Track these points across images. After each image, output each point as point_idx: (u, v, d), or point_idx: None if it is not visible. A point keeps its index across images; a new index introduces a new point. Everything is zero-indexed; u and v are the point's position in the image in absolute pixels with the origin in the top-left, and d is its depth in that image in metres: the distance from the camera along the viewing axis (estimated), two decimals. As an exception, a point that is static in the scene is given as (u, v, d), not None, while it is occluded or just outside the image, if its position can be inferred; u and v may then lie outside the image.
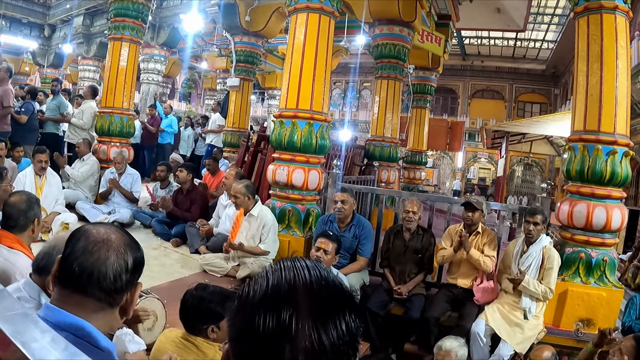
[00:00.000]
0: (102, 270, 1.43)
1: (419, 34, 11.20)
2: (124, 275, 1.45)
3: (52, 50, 20.13)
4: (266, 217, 6.37)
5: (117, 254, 1.46)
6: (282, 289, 0.95)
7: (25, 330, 1.05)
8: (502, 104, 36.52)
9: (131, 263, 1.47)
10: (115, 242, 1.48)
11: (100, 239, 1.47)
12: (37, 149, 7.54)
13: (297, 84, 6.90)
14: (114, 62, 9.69)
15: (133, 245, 1.53)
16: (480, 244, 5.74)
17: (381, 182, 10.63)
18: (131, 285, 1.50)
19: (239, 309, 0.98)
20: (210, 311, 3.05)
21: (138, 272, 1.52)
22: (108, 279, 1.42)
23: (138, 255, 1.52)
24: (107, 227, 1.55)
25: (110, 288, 1.43)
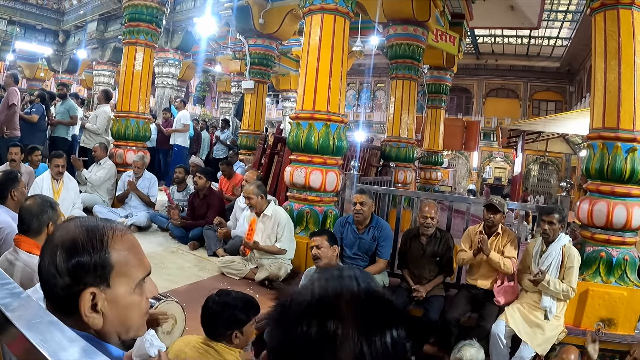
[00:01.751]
0: (41, 275, 1.37)
1: (433, 33, 11.17)
2: (59, 279, 1.31)
3: (66, 55, 20.25)
4: (280, 216, 6.36)
5: (51, 254, 1.35)
6: (328, 300, 0.93)
7: (53, 339, 1.03)
8: (517, 103, 36.28)
9: (64, 266, 1.32)
10: (54, 242, 1.38)
11: (47, 239, 1.42)
12: (54, 153, 7.58)
13: (314, 85, 6.88)
14: (129, 66, 9.72)
15: (74, 245, 1.35)
16: (501, 245, 5.68)
17: (398, 183, 10.59)
18: (78, 291, 1.31)
19: (281, 319, 0.97)
20: (235, 317, 3.05)
21: (80, 277, 1.32)
22: (45, 285, 1.35)
23: (75, 258, 1.32)
24: (66, 223, 1.48)
25: (52, 296, 1.34)
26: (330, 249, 4.95)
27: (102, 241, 1.37)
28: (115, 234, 1.41)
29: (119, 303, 1.38)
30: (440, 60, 13.32)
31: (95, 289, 1.33)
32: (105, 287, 1.35)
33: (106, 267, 1.35)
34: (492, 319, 5.30)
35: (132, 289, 1.41)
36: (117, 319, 1.38)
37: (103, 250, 1.36)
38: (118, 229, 1.45)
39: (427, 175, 13.89)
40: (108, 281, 1.35)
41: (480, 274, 5.83)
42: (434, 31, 11.16)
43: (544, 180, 33.98)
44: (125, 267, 1.40)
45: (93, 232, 1.38)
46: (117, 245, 1.40)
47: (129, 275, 1.41)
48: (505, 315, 5.20)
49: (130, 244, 1.45)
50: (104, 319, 1.35)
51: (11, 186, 4.52)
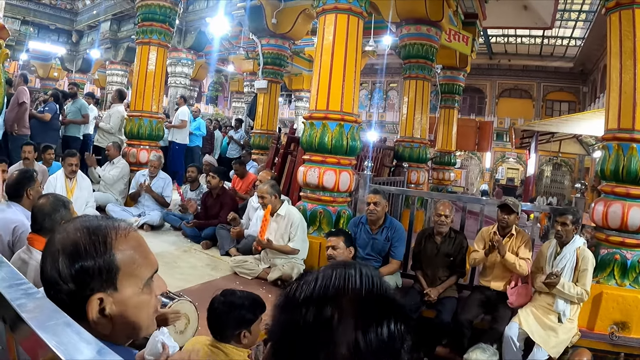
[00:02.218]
0: (44, 280, 1.33)
1: (446, 33, 11.13)
2: (62, 286, 1.27)
3: (80, 55, 20.39)
4: (294, 215, 6.35)
5: (52, 260, 1.31)
6: (329, 290, 0.95)
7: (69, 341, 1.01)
8: (530, 103, 36.08)
9: (67, 272, 1.27)
10: (54, 247, 1.33)
11: (48, 242, 1.37)
12: (68, 152, 7.63)
13: (327, 85, 6.87)
14: (142, 66, 9.74)
15: (76, 249, 1.30)
16: (515, 247, 5.61)
17: (411, 183, 10.55)
18: (85, 297, 1.28)
19: (283, 306, 0.99)
20: (242, 317, 3.03)
21: (86, 283, 1.28)
22: (49, 291, 1.31)
23: (78, 264, 1.28)
24: (67, 224, 1.40)
25: (58, 302, 1.24)
26: (346, 250, 4.93)
27: (106, 243, 1.33)
28: (118, 234, 1.37)
29: (128, 305, 1.34)
30: (454, 60, 13.26)
31: (102, 294, 1.29)
32: (112, 291, 1.31)
33: (112, 270, 1.31)
34: (505, 322, 5.25)
35: (140, 289, 1.37)
36: (126, 322, 1.35)
37: (107, 253, 1.32)
38: (121, 227, 1.40)
39: (439, 176, 13.83)
40: (115, 284, 1.31)
41: (494, 276, 5.78)
42: (447, 31, 11.12)
43: (557, 181, 33.80)
44: (132, 267, 1.36)
45: (95, 234, 1.33)
46: (121, 245, 1.35)
47: (136, 275, 1.37)
48: (519, 317, 5.15)
49: (135, 242, 1.41)
50: (113, 323, 1.31)
51: (27, 185, 4.53)
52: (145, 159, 9.34)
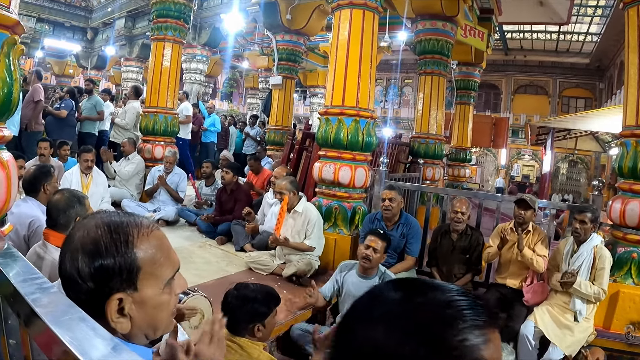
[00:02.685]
0: (63, 278, 1.30)
1: (461, 28, 11.04)
2: (82, 285, 1.24)
3: (95, 52, 20.48)
4: (311, 213, 6.32)
5: (71, 257, 1.27)
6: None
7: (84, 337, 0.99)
8: (545, 99, 35.91)
9: (86, 271, 1.24)
10: (74, 244, 1.29)
11: (68, 237, 1.34)
12: (83, 148, 7.67)
13: (343, 81, 6.84)
14: (157, 62, 9.78)
15: (96, 247, 1.27)
16: (532, 243, 5.56)
17: (426, 180, 10.51)
18: (104, 296, 1.25)
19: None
20: (255, 310, 3.03)
21: (105, 282, 1.25)
22: (68, 289, 1.28)
23: (98, 262, 1.25)
24: (86, 220, 1.36)
25: (76, 300, 1.25)
26: (382, 256, 4.90)
27: (127, 241, 1.30)
28: (141, 232, 1.34)
29: (148, 305, 1.31)
30: (469, 56, 13.19)
31: (122, 294, 1.26)
32: (132, 291, 1.28)
33: (133, 270, 1.28)
34: (520, 320, 5.22)
35: (161, 289, 1.35)
36: (145, 321, 1.32)
37: (128, 252, 1.29)
38: (144, 225, 1.37)
39: (455, 173, 13.78)
40: (135, 284, 1.28)
41: (510, 273, 5.74)
42: (462, 26, 11.04)
43: (572, 179, 33.63)
44: (153, 267, 1.33)
45: (117, 232, 1.30)
46: (143, 244, 1.32)
47: (158, 275, 1.34)
48: (534, 316, 5.11)
49: (157, 241, 1.37)
50: (132, 323, 1.28)
51: (44, 180, 4.56)
52: (161, 154, 9.38)
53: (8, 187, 3.18)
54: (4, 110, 3.14)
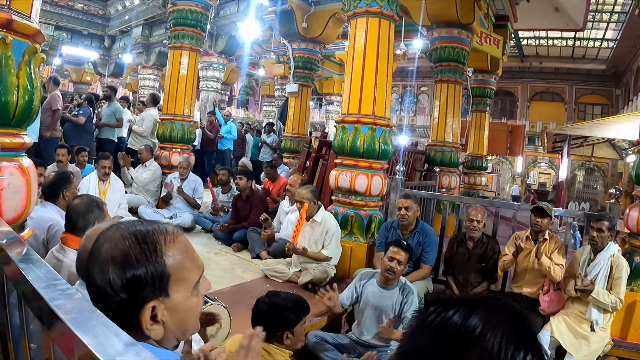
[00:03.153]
0: (93, 292, 1.32)
1: (477, 35, 11.02)
2: (114, 297, 1.26)
3: (112, 60, 20.65)
4: (330, 223, 6.32)
5: (101, 270, 1.29)
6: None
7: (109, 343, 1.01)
8: (562, 106, 35.70)
9: (118, 283, 1.26)
10: (102, 257, 1.30)
11: (94, 250, 1.35)
12: (101, 154, 7.73)
13: (359, 89, 6.85)
14: (174, 70, 9.84)
15: (126, 259, 1.28)
16: (548, 252, 5.50)
17: (442, 188, 10.49)
18: (137, 306, 1.28)
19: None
20: (285, 318, 3.06)
21: (138, 292, 1.27)
22: (98, 302, 1.28)
23: (130, 273, 1.27)
24: (110, 232, 1.37)
25: (108, 311, 1.23)
26: (405, 267, 4.90)
27: (156, 250, 1.32)
28: (167, 239, 1.36)
29: (179, 309, 1.34)
30: (485, 63, 13.16)
31: (155, 302, 1.28)
32: (164, 297, 1.30)
33: (164, 278, 1.31)
34: (536, 329, 5.16)
35: (189, 293, 1.37)
36: (176, 325, 1.35)
37: (158, 260, 1.31)
38: (169, 232, 1.39)
39: (471, 180, 13.74)
40: (167, 291, 1.31)
41: (526, 281, 5.69)
42: (478, 34, 11.03)
43: (589, 186, 33.38)
44: (182, 272, 1.35)
45: (145, 242, 1.32)
46: (171, 251, 1.34)
47: (186, 279, 1.36)
48: (551, 325, 5.07)
49: (183, 246, 1.40)
50: (165, 328, 1.31)
51: (63, 186, 4.61)
52: (177, 161, 9.41)
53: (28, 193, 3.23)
54: (25, 118, 3.18)
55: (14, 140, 3.14)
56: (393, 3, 6.96)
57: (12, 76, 3.01)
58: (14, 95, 3.01)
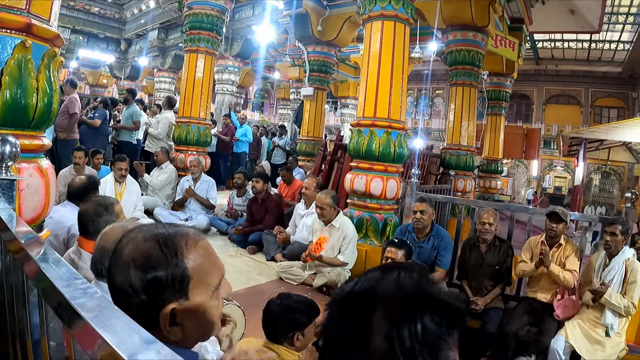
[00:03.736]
0: (113, 292, 1.34)
1: (492, 38, 11.01)
2: (134, 298, 1.28)
3: (128, 63, 20.77)
4: (348, 228, 6.35)
5: (122, 271, 1.31)
6: (369, 287, 1.02)
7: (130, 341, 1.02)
8: (577, 109, 35.41)
9: (139, 284, 1.28)
10: (124, 258, 1.33)
11: (116, 251, 1.38)
12: (118, 157, 7.79)
13: (375, 93, 6.87)
14: (190, 73, 9.89)
15: (148, 261, 1.31)
16: (563, 257, 5.46)
17: (457, 192, 10.48)
18: (157, 307, 1.29)
19: (332, 301, 1.07)
20: (296, 319, 3.08)
21: (158, 294, 1.29)
22: (119, 302, 1.30)
23: (151, 275, 1.29)
24: (133, 234, 1.39)
25: (128, 312, 1.21)
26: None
27: (177, 253, 1.33)
28: (189, 243, 1.37)
29: (198, 312, 1.35)
30: (500, 66, 13.14)
31: (174, 304, 1.30)
32: (184, 300, 1.31)
33: (184, 280, 1.32)
34: (551, 334, 5.12)
35: (210, 296, 1.39)
36: (196, 327, 1.36)
37: (179, 263, 1.32)
38: (191, 236, 1.40)
39: (486, 184, 13.71)
40: (187, 294, 1.32)
41: (541, 287, 5.64)
42: (493, 36, 11.00)
43: (605, 190, 33.07)
44: (202, 276, 1.36)
45: (166, 245, 1.34)
46: (192, 254, 1.36)
47: (207, 282, 1.38)
48: (565, 330, 5.03)
49: (204, 250, 1.41)
50: (183, 330, 1.32)
51: (92, 192, 4.68)
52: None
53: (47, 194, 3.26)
54: (44, 120, 3.22)
55: (33, 142, 3.18)
56: (408, 6, 6.97)
57: (31, 79, 3.05)
58: (33, 98, 3.05)
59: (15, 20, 2.96)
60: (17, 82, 2.97)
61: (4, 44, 2.95)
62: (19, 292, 2.16)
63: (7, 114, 2.96)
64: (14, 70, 2.96)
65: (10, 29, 2.96)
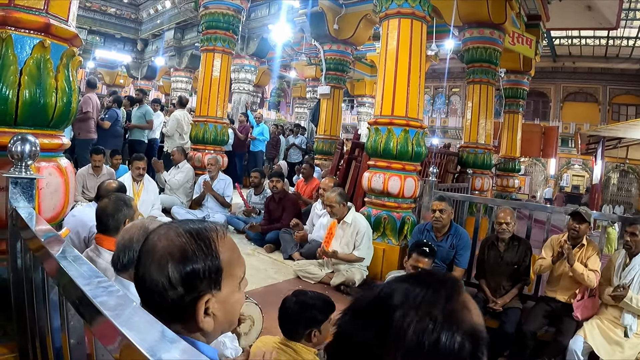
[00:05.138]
0: (144, 289, 1.37)
1: (509, 36, 10.94)
2: (170, 292, 1.31)
3: (145, 63, 20.90)
4: (360, 224, 6.32)
5: (158, 267, 1.34)
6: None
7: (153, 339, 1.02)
8: (595, 107, 35.16)
9: (177, 277, 1.31)
10: (159, 254, 1.35)
11: (147, 248, 1.41)
12: (135, 156, 7.85)
13: (392, 91, 6.85)
14: (207, 72, 9.90)
15: (185, 254, 1.34)
16: (584, 257, 5.38)
17: (475, 190, 10.43)
18: (192, 299, 1.33)
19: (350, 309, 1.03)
20: (313, 316, 3.08)
21: (194, 284, 1.33)
22: (151, 298, 1.35)
23: (189, 267, 1.33)
24: (162, 231, 1.42)
25: (159, 306, 1.32)
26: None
27: (210, 245, 1.38)
28: (219, 236, 1.43)
29: (228, 303, 1.42)
30: (517, 64, 13.06)
31: (209, 295, 1.35)
32: (217, 291, 1.37)
33: (219, 272, 1.37)
34: (569, 334, 5.05)
35: (237, 287, 1.46)
36: (225, 318, 1.42)
37: (213, 255, 1.38)
38: (219, 230, 1.46)
39: (504, 183, 13.63)
40: (220, 284, 1.38)
41: (561, 286, 5.58)
42: (510, 34, 10.94)
43: (623, 189, 32.81)
44: (231, 267, 1.42)
45: (200, 238, 1.39)
46: (222, 247, 1.41)
47: (234, 274, 1.44)
48: (584, 330, 4.95)
49: (231, 243, 1.47)
50: (214, 320, 1.37)
51: None
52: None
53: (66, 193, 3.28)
54: (64, 119, 3.23)
55: (52, 141, 3.20)
56: (425, 4, 6.94)
57: (50, 79, 3.07)
58: (52, 98, 3.07)
59: (34, 21, 2.98)
60: (36, 81, 2.99)
61: (23, 44, 2.97)
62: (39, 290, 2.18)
63: (27, 113, 2.98)
64: (33, 69, 2.98)
65: (29, 29, 2.99)
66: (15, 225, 2.58)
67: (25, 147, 2.63)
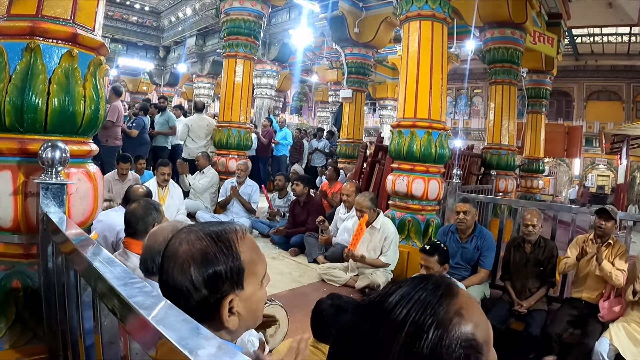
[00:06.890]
0: (168, 292, 1.41)
1: (530, 35, 10.87)
2: (194, 294, 1.35)
3: (167, 70, 21.05)
4: (388, 229, 6.33)
5: (181, 270, 1.38)
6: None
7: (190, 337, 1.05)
8: (619, 105, 34.64)
9: (200, 279, 1.35)
10: (181, 258, 1.39)
11: (169, 253, 1.44)
12: (161, 161, 7.91)
13: (414, 93, 6.86)
14: (229, 78, 9.97)
15: (206, 257, 1.38)
16: (611, 256, 5.33)
17: (499, 192, 10.38)
18: (216, 300, 1.38)
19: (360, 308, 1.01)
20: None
21: (217, 286, 1.37)
22: (176, 301, 1.36)
23: (211, 269, 1.37)
24: (183, 235, 1.45)
25: (184, 308, 1.30)
26: (440, 268, 4.85)
27: (231, 247, 1.42)
28: (238, 237, 1.46)
29: (251, 301, 1.45)
30: (540, 63, 12.96)
31: (232, 295, 1.39)
32: (239, 291, 1.41)
33: (240, 272, 1.41)
34: (595, 336, 4.98)
35: (259, 285, 1.49)
36: (249, 315, 1.45)
37: (234, 256, 1.41)
38: (238, 230, 1.49)
39: (528, 184, 13.54)
40: (242, 284, 1.41)
41: (587, 286, 5.52)
42: (531, 33, 10.87)
43: (649, 189, 32.38)
44: (252, 266, 1.45)
45: (220, 240, 1.42)
46: (242, 247, 1.44)
47: (256, 272, 1.47)
48: (610, 332, 4.86)
49: (251, 242, 1.51)
50: (239, 319, 1.41)
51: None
52: (234, 167, 9.52)
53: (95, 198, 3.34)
54: (92, 127, 3.29)
55: (81, 147, 3.26)
56: (445, 5, 6.95)
57: (79, 87, 3.12)
58: (81, 105, 3.12)
59: (62, 31, 3.03)
60: (65, 90, 3.04)
61: (51, 54, 3.02)
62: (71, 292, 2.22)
63: (56, 120, 3.03)
64: (61, 78, 3.04)
65: (57, 39, 3.04)
66: (47, 229, 2.64)
67: (55, 153, 2.70)
